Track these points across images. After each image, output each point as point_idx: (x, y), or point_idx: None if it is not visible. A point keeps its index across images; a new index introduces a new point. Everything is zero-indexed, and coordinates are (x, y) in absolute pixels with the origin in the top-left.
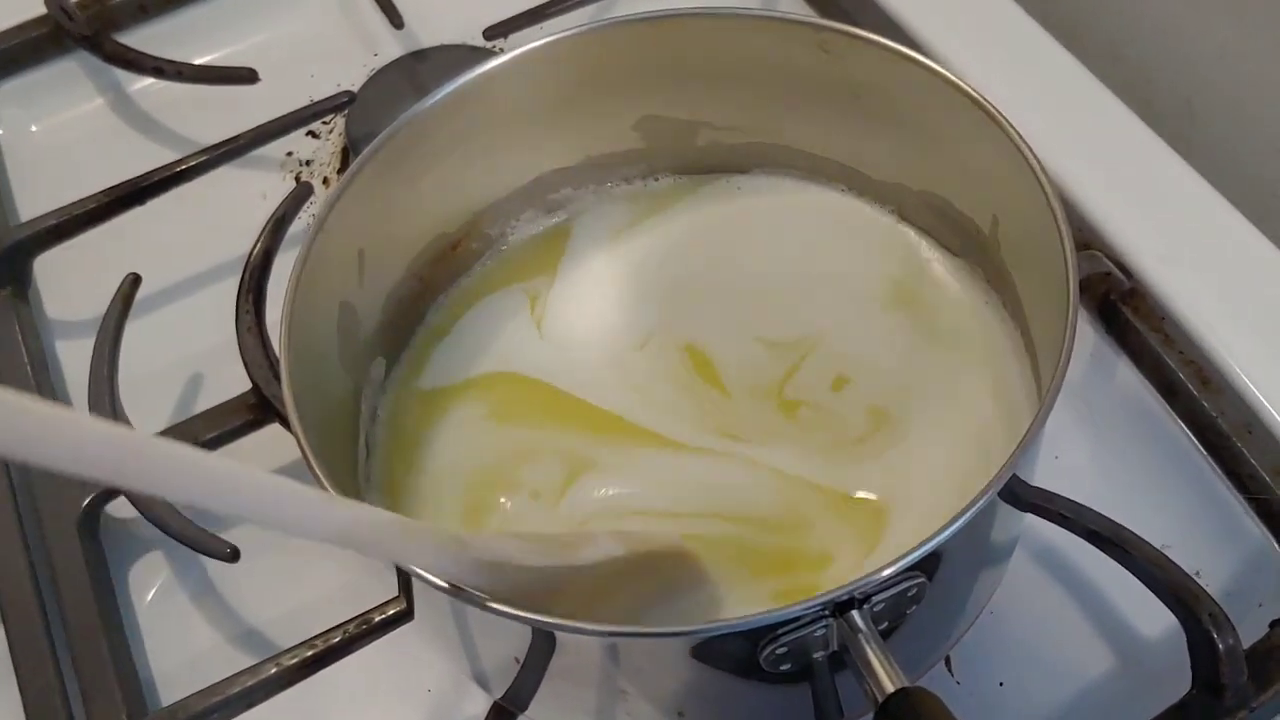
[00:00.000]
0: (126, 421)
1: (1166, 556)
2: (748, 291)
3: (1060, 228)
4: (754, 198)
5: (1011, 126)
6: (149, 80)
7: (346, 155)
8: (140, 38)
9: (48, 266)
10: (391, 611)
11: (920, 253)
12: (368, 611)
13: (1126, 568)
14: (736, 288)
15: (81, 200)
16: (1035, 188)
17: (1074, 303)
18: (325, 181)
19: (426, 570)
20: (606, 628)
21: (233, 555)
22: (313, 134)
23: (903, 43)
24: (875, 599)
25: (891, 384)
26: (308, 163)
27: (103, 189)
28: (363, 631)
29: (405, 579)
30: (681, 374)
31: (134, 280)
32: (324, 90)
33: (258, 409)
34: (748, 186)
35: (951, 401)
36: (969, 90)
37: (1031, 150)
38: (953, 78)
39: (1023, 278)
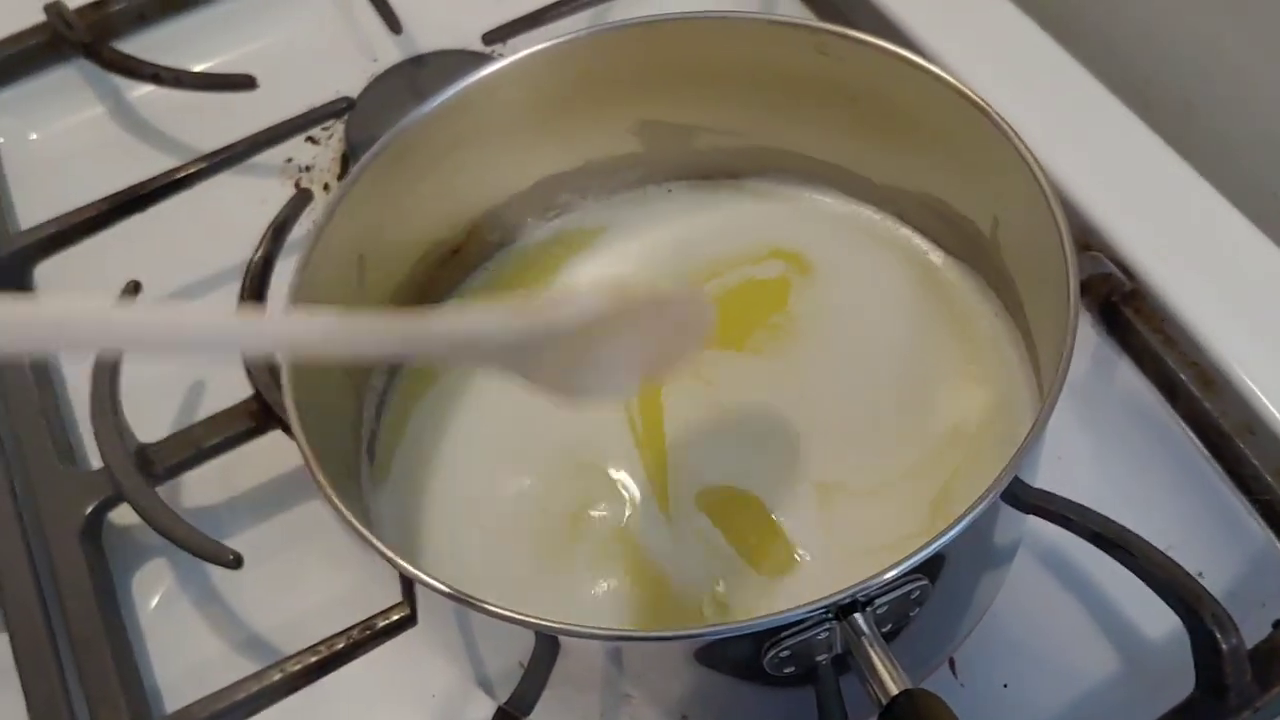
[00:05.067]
0: (129, 432)
1: (1169, 558)
2: (746, 293)
3: (1060, 229)
4: (753, 201)
5: (1011, 128)
6: (148, 87)
7: (346, 161)
8: (139, 45)
9: (48, 274)
10: (395, 617)
11: (920, 255)
12: (372, 617)
13: (1129, 569)
14: (734, 289)
15: (81, 208)
16: (1035, 189)
17: (1075, 304)
18: (325, 187)
19: (378, 353)
20: (610, 632)
21: (236, 562)
22: (312, 140)
23: (901, 45)
24: (878, 601)
25: (891, 385)
26: (307, 169)
27: (103, 196)
28: (367, 637)
29: (409, 585)
30: (680, 373)
31: (135, 287)
32: (323, 96)
33: (260, 415)
34: (747, 190)
35: (952, 403)
36: (968, 92)
37: (1031, 152)
38: (951, 80)
39: (1023, 279)
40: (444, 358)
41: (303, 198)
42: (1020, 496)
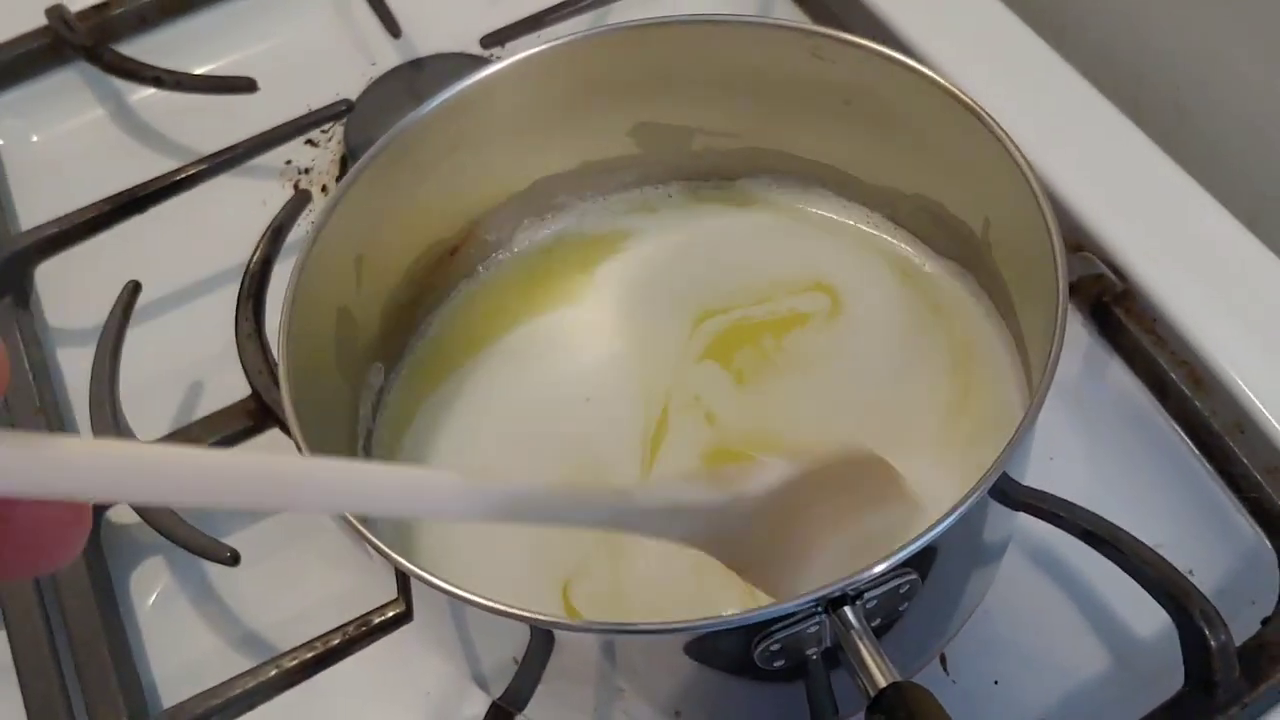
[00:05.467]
0: (129, 430)
1: (1159, 555)
2: (743, 296)
3: (1051, 229)
4: (749, 203)
5: (1002, 129)
6: (148, 90)
7: (345, 163)
8: (139, 48)
9: (48, 275)
10: (391, 613)
11: (913, 256)
12: (367, 613)
13: (1120, 566)
14: (732, 293)
15: (82, 209)
16: (1026, 190)
17: (1063, 304)
18: (324, 189)
19: (581, 524)
20: (602, 625)
21: (233, 559)
22: (311, 142)
23: (895, 48)
24: (868, 595)
25: (882, 385)
26: (306, 171)
27: (103, 198)
28: (362, 633)
29: (404, 581)
30: (681, 372)
31: (134, 288)
32: (322, 99)
33: (257, 415)
34: (742, 191)
35: (944, 403)
36: (960, 94)
37: (1022, 152)
38: (944, 82)
39: (1014, 280)
40: (644, 532)
41: (301, 199)
42: (1009, 493)
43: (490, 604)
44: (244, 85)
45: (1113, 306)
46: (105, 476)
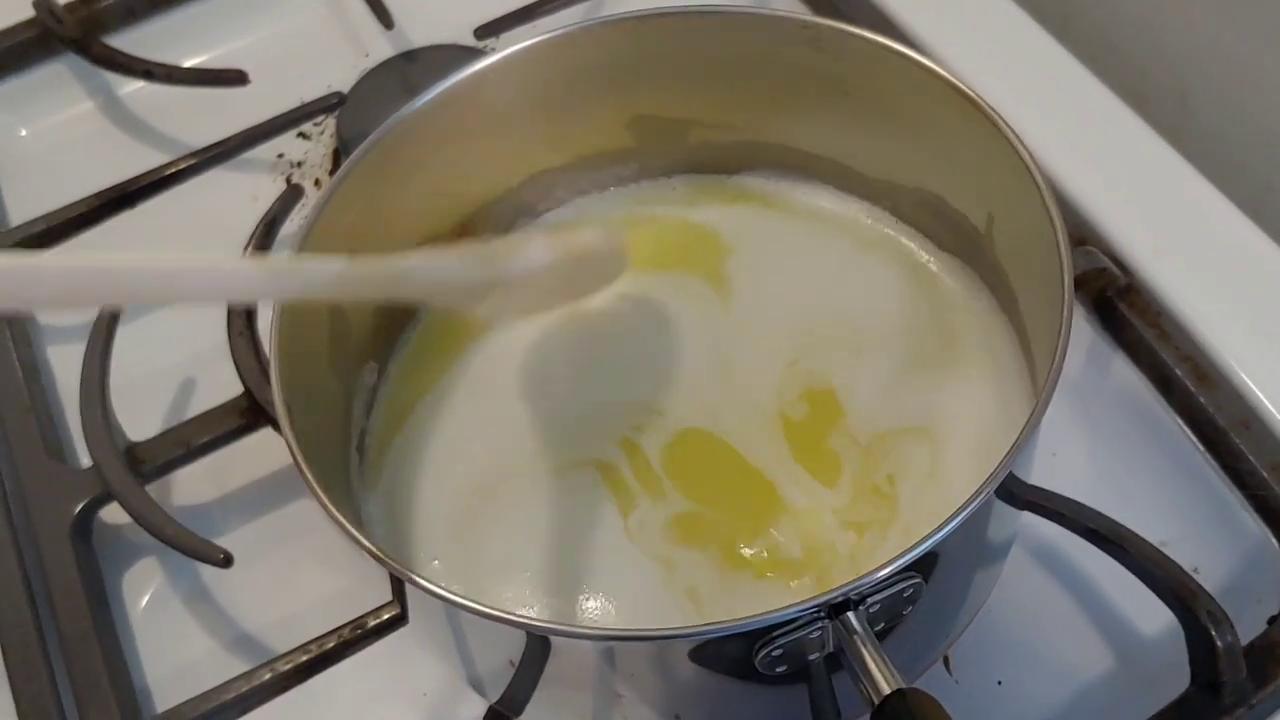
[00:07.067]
0: (119, 429)
1: (1164, 554)
2: (742, 291)
3: (1055, 223)
4: (747, 196)
5: (1005, 122)
6: (138, 83)
7: (338, 156)
8: (129, 40)
9: None
10: (386, 616)
11: (915, 250)
12: (362, 616)
13: (1124, 565)
14: (731, 287)
15: (71, 204)
16: (1029, 183)
17: (1068, 299)
18: (317, 183)
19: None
20: (602, 631)
21: (226, 561)
22: (304, 135)
23: (895, 38)
24: (871, 600)
25: (886, 382)
26: (299, 164)
27: (93, 193)
28: (357, 636)
29: (399, 584)
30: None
31: None
32: (314, 91)
33: (250, 413)
34: (740, 185)
35: (947, 399)
36: (961, 86)
37: (1025, 146)
38: (945, 73)
39: (1018, 275)
40: (411, 295)
41: (294, 193)
42: (1015, 493)
43: (485, 609)
44: (235, 78)
45: (1116, 301)
46: None
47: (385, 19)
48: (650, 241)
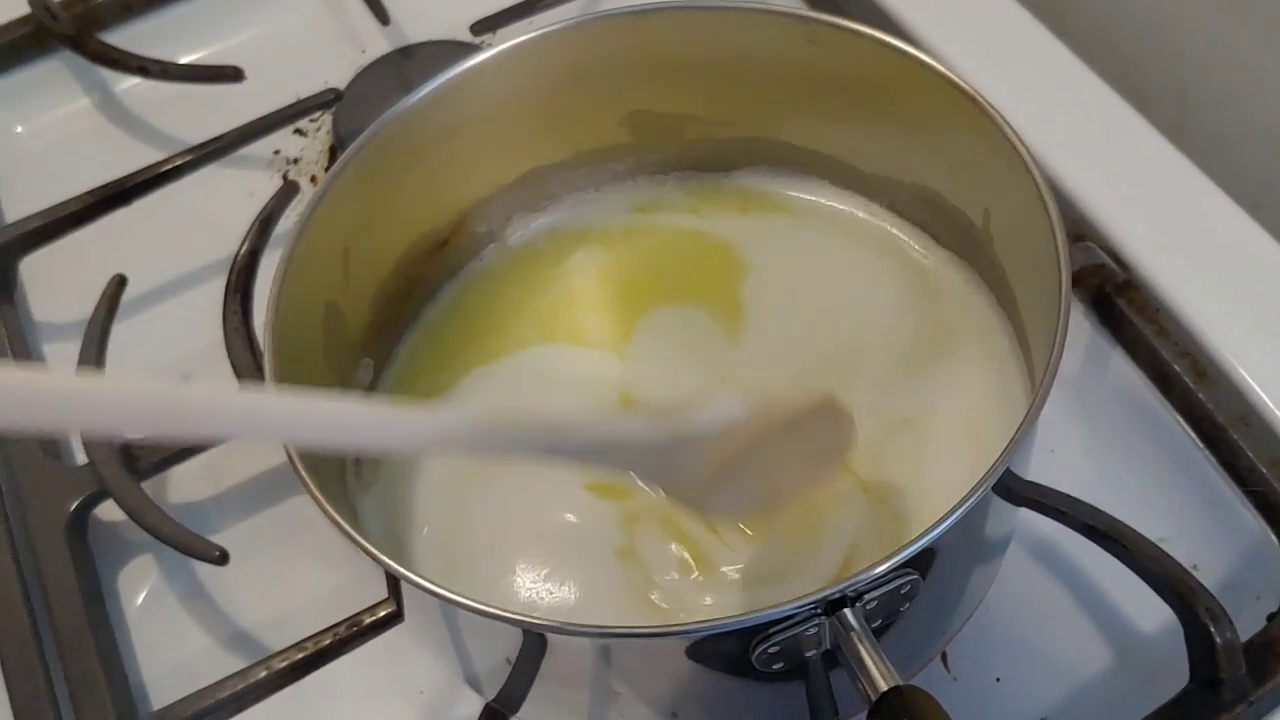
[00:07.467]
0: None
1: (1163, 550)
2: (740, 287)
3: (1052, 219)
4: (744, 193)
5: (1003, 118)
6: (134, 80)
7: (334, 153)
8: (125, 37)
9: (33, 268)
10: (382, 613)
11: (912, 246)
12: (358, 614)
13: (1123, 562)
14: (729, 283)
15: (67, 201)
16: (1027, 179)
17: (1066, 295)
18: (313, 180)
19: (522, 455)
20: (598, 629)
21: (222, 558)
22: (300, 132)
23: (892, 34)
24: (868, 596)
25: (884, 379)
26: (295, 161)
27: (88, 190)
28: (353, 634)
29: (395, 581)
30: (680, 371)
31: (120, 281)
32: (311, 88)
33: None
34: (738, 181)
35: (945, 396)
36: (959, 82)
37: (1023, 141)
38: (943, 69)
39: (1015, 271)
40: (587, 460)
41: (290, 190)
42: (1012, 489)
43: (481, 607)
44: (231, 74)
45: (1115, 297)
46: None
47: (381, 15)
48: (662, 262)
